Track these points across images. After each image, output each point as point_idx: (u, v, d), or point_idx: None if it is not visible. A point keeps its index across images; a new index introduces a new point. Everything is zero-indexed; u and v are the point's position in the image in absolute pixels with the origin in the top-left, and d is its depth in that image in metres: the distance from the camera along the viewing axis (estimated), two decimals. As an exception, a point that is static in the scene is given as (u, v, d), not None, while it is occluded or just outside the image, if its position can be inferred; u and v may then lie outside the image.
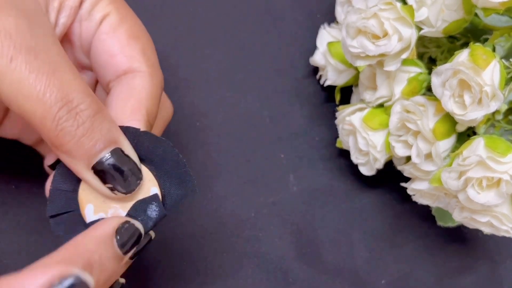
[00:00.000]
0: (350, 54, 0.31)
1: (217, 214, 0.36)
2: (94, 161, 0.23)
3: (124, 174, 0.23)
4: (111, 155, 0.23)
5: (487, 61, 0.27)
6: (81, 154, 0.22)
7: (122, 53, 0.26)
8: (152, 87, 0.26)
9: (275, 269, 0.36)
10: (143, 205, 0.24)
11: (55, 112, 0.21)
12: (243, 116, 0.38)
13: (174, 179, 0.25)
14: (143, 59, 0.26)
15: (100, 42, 0.26)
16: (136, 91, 0.25)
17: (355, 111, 0.34)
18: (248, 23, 0.40)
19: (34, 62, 0.21)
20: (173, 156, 0.25)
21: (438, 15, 0.29)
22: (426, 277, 0.37)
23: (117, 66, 0.26)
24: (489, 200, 0.28)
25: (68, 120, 0.22)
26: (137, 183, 0.24)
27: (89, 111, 0.22)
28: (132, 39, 0.26)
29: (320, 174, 0.38)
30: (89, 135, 0.22)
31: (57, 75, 0.22)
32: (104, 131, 0.23)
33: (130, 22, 0.27)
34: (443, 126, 0.30)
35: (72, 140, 0.22)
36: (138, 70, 0.26)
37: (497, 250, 0.39)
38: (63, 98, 0.22)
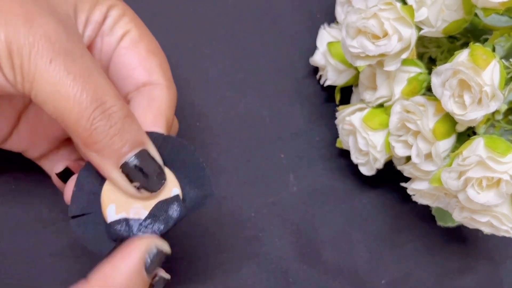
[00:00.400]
0: (350, 54, 0.31)
1: (217, 214, 0.36)
2: (122, 161, 0.24)
3: (149, 175, 0.25)
4: (138, 156, 0.24)
5: (487, 61, 0.27)
6: (111, 153, 0.24)
7: (141, 66, 0.28)
8: (169, 98, 0.28)
9: (275, 269, 0.36)
10: (165, 205, 0.25)
11: (90, 112, 0.23)
12: (243, 116, 0.38)
13: (194, 182, 0.26)
14: (161, 73, 0.28)
15: (120, 56, 0.28)
16: (157, 101, 0.27)
17: (355, 111, 0.34)
18: (248, 23, 0.40)
19: (71, 65, 0.23)
20: (194, 160, 0.26)
21: (438, 15, 0.29)
22: (426, 277, 0.37)
23: (137, 79, 0.28)
24: (489, 200, 0.28)
25: (102, 120, 0.23)
26: (161, 182, 0.25)
27: (121, 113, 0.24)
28: (151, 54, 0.28)
29: (320, 174, 0.38)
30: (120, 135, 0.24)
31: (92, 79, 0.23)
32: (133, 132, 0.24)
33: (149, 39, 0.29)
34: (443, 126, 0.30)
35: (104, 139, 0.23)
36: (156, 83, 0.28)
37: (497, 250, 0.39)
38: (97, 99, 0.23)
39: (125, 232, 0.25)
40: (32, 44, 0.22)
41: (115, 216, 0.25)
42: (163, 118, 0.27)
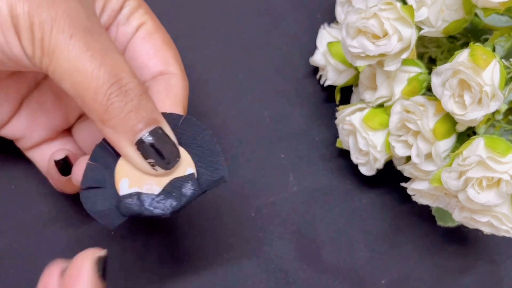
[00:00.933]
0: (350, 54, 0.31)
1: (217, 214, 0.36)
2: (137, 137, 0.24)
3: (163, 152, 0.25)
4: (152, 133, 0.25)
5: (487, 61, 0.27)
6: (126, 129, 0.24)
7: (158, 56, 0.29)
8: (185, 88, 0.29)
9: (275, 269, 0.36)
10: (179, 183, 0.25)
11: (107, 88, 0.23)
12: (243, 116, 0.38)
13: (209, 165, 0.26)
14: (176, 64, 0.29)
15: (137, 45, 0.29)
16: (174, 89, 0.28)
17: (355, 111, 0.34)
18: (248, 23, 0.40)
19: (91, 41, 0.23)
20: (210, 144, 0.26)
21: (438, 15, 0.29)
22: (426, 277, 0.37)
23: (154, 68, 0.29)
24: (489, 200, 0.28)
25: (119, 95, 0.24)
26: (175, 160, 0.25)
27: (137, 91, 0.24)
28: (166, 45, 0.29)
29: (320, 174, 0.38)
30: (136, 111, 0.24)
31: (110, 56, 0.24)
32: (148, 110, 0.25)
33: (163, 31, 0.30)
34: (443, 126, 0.30)
35: (120, 115, 0.24)
36: (172, 72, 0.29)
37: (497, 250, 0.39)
38: (115, 75, 0.24)
39: (135, 206, 0.25)
40: (54, 19, 0.23)
41: (128, 190, 0.25)
42: (180, 106, 0.28)
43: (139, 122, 0.24)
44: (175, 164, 0.25)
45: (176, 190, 0.25)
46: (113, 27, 0.29)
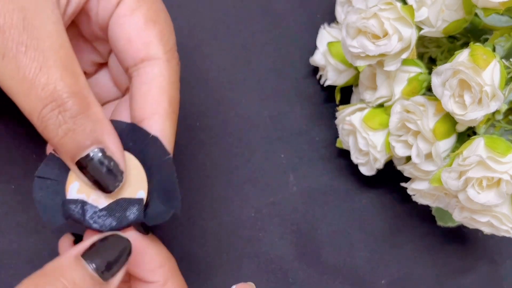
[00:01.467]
0: (350, 54, 0.31)
1: (217, 214, 0.36)
2: (77, 158, 0.23)
3: (103, 175, 0.24)
4: (93, 154, 0.23)
5: (487, 61, 0.27)
6: (64, 151, 0.23)
7: (138, 38, 0.26)
8: (170, 73, 0.26)
9: (275, 269, 0.36)
10: (125, 204, 0.25)
11: (39, 110, 0.22)
12: (243, 116, 0.38)
13: (162, 196, 0.25)
14: (160, 45, 0.26)
15: (117, 26, 0.26)
16: (156, 81, 0.26)
17: (355, 111, 0.34)
18: (248, 23, 0.40)
19: (23, 59, 0.22)
20: (169, 172, 0.25)
21: (438, 15, 0.29)
22: (426, 277, 0.37)
23: (135, 53, 0.26)
24: (489, 200, 0.28)
25: (51, 118, 0.22)
26: (115, 185, 0.24)
27: (72, 112, 0.23)
28: (149, 23, 0.26)
29: (320, 174, 0.38)
30: (71, 135, 0.23)
31: (44, 72, 0.22)
32: (87, 131, 0.23)
33: (149, 4, 0.26)
34: (443, 126, 0.30)
35: (55, 138, 0.23)
36: (155, 58, 0.26)
37: (497, 250, 0.39)
38: (48, 96, 0.22)
39: (77, 214, 0.24)
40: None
41: (75, 195, 0.24)
42: (165, 99, 0.26)
43: (76, 145, 0.23)
44: (115, 189, 0.24)
45: (120, 211, 0.24)
46: (92, 2, 0.26)
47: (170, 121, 0.26)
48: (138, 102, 0.26)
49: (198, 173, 0.36)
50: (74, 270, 0.22)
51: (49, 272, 0.22)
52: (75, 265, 0.22)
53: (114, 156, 0.24)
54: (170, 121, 0.26)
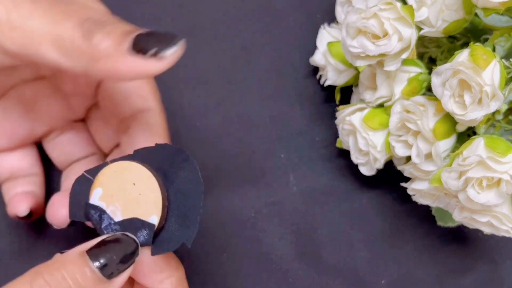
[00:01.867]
0: (350, 54, 0.31)
1: (217, 214, 0.36)
2: (134, 35, 0.23)
3: (158, 38, 0.24)
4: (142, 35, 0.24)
5: (487, 61, 0.27)
6: (121, 33, 0.23)
7: (137, 93, 0.29)
8: (163, 121, 0.29)
9: (275, 269, 0.36)
10: (138, 225, 0.25)
11: (80, 23, 0.23)
12: (243, 116, 0.38)
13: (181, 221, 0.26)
14: (154, 99, 0.29)
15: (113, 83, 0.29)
16: (156, 127, 0.29)
17: (355, 111, 0.34)
18: (248, 23, 0.40)
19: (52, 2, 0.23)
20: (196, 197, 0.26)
21: (438, 15, 0.29)
22: (426, 277, 0.37)
23: (134, 106, 0.29)
24: (489, 200, 0.28)
25: (92, 23, 0.23)
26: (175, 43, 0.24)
27: (107, 17, 0.24)
28: (144, 80, 0.29)
29: (320, 174, 0.38)
30: (116, 23, 0.23)
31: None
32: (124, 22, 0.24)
33: None
34: (443, 126, 0.30)
35: (106, 27, 0.23)
36: (151, 109, 0.29)
37: (497, 250, 0.39)
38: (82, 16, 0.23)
39: (95, 220, 0.26)
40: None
41: (97, 201, 0.26)
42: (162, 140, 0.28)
43: (125, 26, 0.23)
44: (178, 42, 0.24)
45: (132, 230, 0.25)
46: None
47: None
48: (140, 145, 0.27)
49: (198, 173, 0.36)
50: (76, 265, 0.22)
51: (54, 263, 0.23)
52: (79, 260, 0.22)
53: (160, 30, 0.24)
54: None
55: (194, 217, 0.25)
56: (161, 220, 0.25)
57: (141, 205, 0.25)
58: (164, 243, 0.25)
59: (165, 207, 0.25)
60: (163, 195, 0.25)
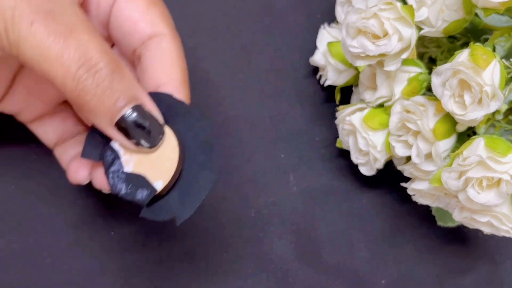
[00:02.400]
0: (350, 54, 0.31)
1: (217, 214, 0.36)
2: (116, 118, 0.24)
3: (146, 130, 0.24)
4: (132, 111, 0.24)
5: (487, 61, 0.27)
6: (103, 112, 0.23)
7: (143, 19, 0.27)
8: (178, 47, 0.28)
9: (275, 269, 0.36)
10: (142, 183, 0.25)
11: (74, 72, 0.22)
12: (243, 116, 0.38)
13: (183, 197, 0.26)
14: (164, 23, 0.27)
15: (120, 10, 0.27)
16: (167, 53, 0.27)
17: (355, 111, 0.34)
18: (248, 23, 0.40)
19: (52, 24, 0.22)
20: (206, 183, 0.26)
21: (438, 15, 0.29)
22: (426, 277, 0.37)
23: (141, 32, 0.27)
24: (489, 200, 0.28)
25: (88, 79, 0.23)
26: (159, 138, 0.25)
27: (108, 69, 0.23)
28: (151, 5, 0.27)
29: (320, 174, 0.38)
30: (109, 93, 0.23)
31: (75, 36, 0.23)
32: (123, 88, 0.24)
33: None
34: (443, 126, 0.30)
35: (93, 99, 0.23)
36: (161, 34, 0.27)
37: (497, 250, 0.39)
38: (81, 57, 0.22)
39: (106, 162, 0.26)
40: (13, 7, 0.22)
41: (117, 146, 0.26)
42: (177, 69, 0.27)
43: (115, 103, 0.23)
44: (159, 141, 0.25)
45: (135, 186, 0.25)
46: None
47: (186, 87, 0.27)
48: (153, 72, 0.26)
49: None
50: None
51: None
52: None
53: (153, 111, 0.25)
54: (186, 88, 0.27)
55: (196, 200, 0.25)
56: (165, 188, 0.25)
57: (154, 166, 0.25)
58: (156, 209, 0.26)
59: (174, 179, 0.26)
60: (177, 169, 0.25)
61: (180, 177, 0.26)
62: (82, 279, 0.33)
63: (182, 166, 0.26)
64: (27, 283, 0.32)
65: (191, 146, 0.26)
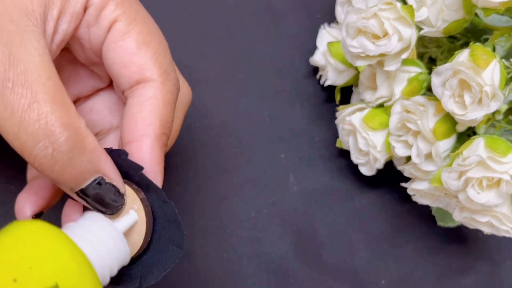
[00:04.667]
0: (350, 54, 0.31)
1: (217, 214, 0.36)
2: (76, 189, 0.23)
3: (105, 201, 0.24)
4: (93, 183, 0.23)
5: (487, 61, 0.27)
6: (62, 183, 0.23)
7: (132, 63, 0.26)
8: (165, 95, 0.26)
9: (275, 269, 0.36)
10: None
11: (31, 149, 0.21)
12: (243, 116, 0.38)
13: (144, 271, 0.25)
14: (154, 67, 0.26)
15: (110, 51, 0.26)
16: (149, 102, 0.25)
17: (355, 111, 0.34)
18: (248, 23, 0.40)
19: (10, 96, 0.21)
20: (169, 261, 0.25)
21: (438, 15, 0.29)
22: (426, 277, 0.37)
23: (129, 77, 0.26)
24: (489, 200, 0.28)
25: (45, 157, 0.22)
26: (118, 208, 0.24)
27: (67, 146, 0.22)
28: (142, 46, 0.26)
29: (320, 174, 0.38)
30: (67, 169, 0.22)
31: (34, 108, 0.21)
32: (84, 163, 0.23)
33: (140, 27, 0.26)
34: (443, 126, 0.30)
35: (52, 175, 0.22)
36: (149, 80, 0.26)
37: (497, 250, 0.39)
38: (38, 133, 0.21)
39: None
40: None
41: None
42: (156, 122, 0.25)
43: (74, 178, 0.23)
44: (118, 210, 0.24)
45: None
46: (83, 30, 0.26)
47: (159, 143, 0.25)
48: (128, 123, 0.25)
49: (198, 173, 0.36)
50: None
51: None
52: None
53: (114, 182, 0.24)
54: (160, 144, 0.25)
55: (161, 272, 0.25)
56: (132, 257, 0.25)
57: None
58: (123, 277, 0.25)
59: (141, 251, 0.25)
60: (145, 241, 0.25)
61: (148, 249, 0.25)
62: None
63: (150, 238, 0.25)
64: (27, 283, 0.32)
65: (161, 221, 0.25)
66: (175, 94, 0.27)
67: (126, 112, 0.26)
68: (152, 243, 0.25)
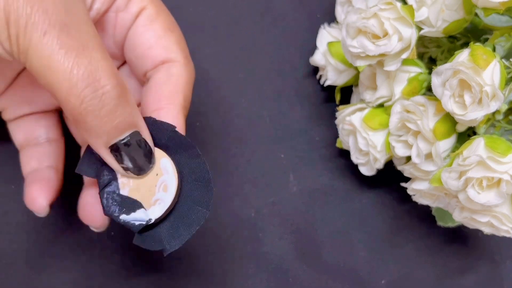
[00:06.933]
0: (350, 54, 0.31)
1: (217, 214, 0.36)
2: (112, 142, 0.24)
3: (138, 157, 0.24)
4: (129, 137, 0.24)
5: (487, 61, 0.27)
6: (101, 133, 0.23)
7: (159, 44, 0.28)
8: (187, 75, 0.28)
9: (275, 269, 0.36)
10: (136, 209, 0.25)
11: (80, 90, 0.22)
12: (243, 116, 0.38)
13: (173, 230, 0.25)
14: (179, 50, 0.28)
15: (137, 34, 0.28)
16: (174, 77, 0.27)
17: (355, 111, 0.34)
18: (248, 23, 0.40)
19: (65, 38, 0.22)
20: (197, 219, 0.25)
21: (438, 15, 0.29)
22: (426, 277, 0.37)
23: (155, 57, 0.28)
24: (489, 200, 0.28)
25: (93, 99, 0.22)
26: (149, 166, 0.25)
27: (114, 93, 0.23)
28: (168, 31, 0.28)
29: (320, 174, 0.38)
30: (111, 116, 0.23)
31: (86, 53, 0.22)
32: (126, 114, 0.24)
33: (165, 16, 0.28)
34: (443, 126, 0.30)
35: (94, 120, 0.23)
36: (174, 60, 0.28)
37: (497, 250, 0.39)
38: (89, 76, 0.22)
39: (102, 182, 0.25)
40: (29, 15, 0.22)
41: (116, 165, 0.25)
42: (181, 95, 0.27)
43: (115, 127, 0.23)
44: (149, 170, 0.25)
45: (128, 211, 0.25)
46: (111, 14, 0.27)
47: (183, 114, 0.27)
48: (155, 94, 0.27)
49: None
50: None
51: None
52: None
53: (148, 139, 0.25)
54: (183, 114, 0.27)
55: (186, 234, 0.25)
56: (158, 218, 0.25)
57: (150, 196, 0.25)
58: (147, 238, 0.25)
59: (168, 211, 0.25)
60: (173, 201, 0.25)
61: (174, 210, 0.26)
62: (83, 279, 0.33)
63: (177, 199, 0.26)
64: (27, 283, 0.32)
65: (188, 180, 0.26)
66: (193, 78, 0.28)
67: (151, 87, 0.27)
68: (178, 204, 0.26)
